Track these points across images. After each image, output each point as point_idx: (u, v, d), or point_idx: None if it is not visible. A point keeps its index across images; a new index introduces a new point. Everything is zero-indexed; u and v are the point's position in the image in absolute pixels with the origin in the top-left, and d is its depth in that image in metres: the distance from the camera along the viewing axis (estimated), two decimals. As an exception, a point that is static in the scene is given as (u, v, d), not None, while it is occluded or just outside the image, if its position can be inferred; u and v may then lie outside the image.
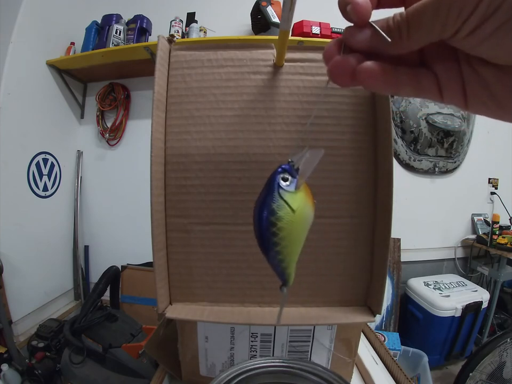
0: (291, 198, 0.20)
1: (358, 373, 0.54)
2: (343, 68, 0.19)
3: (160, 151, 0.44)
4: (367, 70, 0.18)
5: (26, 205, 1.51)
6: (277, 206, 0.20)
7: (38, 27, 1.52)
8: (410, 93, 0.19)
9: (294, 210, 0.20)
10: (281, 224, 0.19)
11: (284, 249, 0.20)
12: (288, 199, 0.20)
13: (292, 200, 0.20)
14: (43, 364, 1.26)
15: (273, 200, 0.20)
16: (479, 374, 1.17)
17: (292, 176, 0.21)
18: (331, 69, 0.19)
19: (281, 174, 0.21)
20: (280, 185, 0.20)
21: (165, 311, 0.43)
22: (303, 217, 0.21)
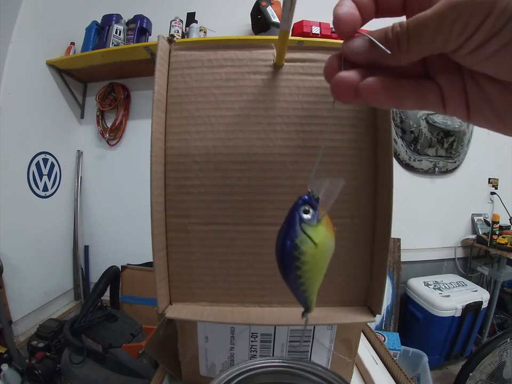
0: (313, 231, 0.20)
1: (358, 373, 0.54)
2: (345, 85, 0.18)
3: (160, 151, 0.44)
4: (368, 87, 0.18)
5: (26, 205, 1.51)
6: (300, 240, 0.20)
7: (38, 27, 1.52)
8: (414, 106, 0.19)
9: (316, 244, 0.20)
10: (304, 258, 0.20)
11: (307, 280, 0.21)
12: (311, 233, 0.20)
13: (314, 233, 0.20)
14: (43, 363, 1.26)
15: (295, 235, 0.20)
16: (479, 374, 1.17)
17: (313, 208, 0.20)
18: (333, 86, 0.19)
19: (303, 206, 0.21)
20: (302, 219, 0.20)
21: (165, 311, 0.43)
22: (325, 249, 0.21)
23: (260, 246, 0.45)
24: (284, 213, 0.44)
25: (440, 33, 0.15)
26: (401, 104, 0.18)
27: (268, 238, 0.45)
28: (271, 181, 0.44)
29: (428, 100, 0.18)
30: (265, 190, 0.44)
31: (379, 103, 0.18)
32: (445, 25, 0.15)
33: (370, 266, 0.45)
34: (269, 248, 0.45)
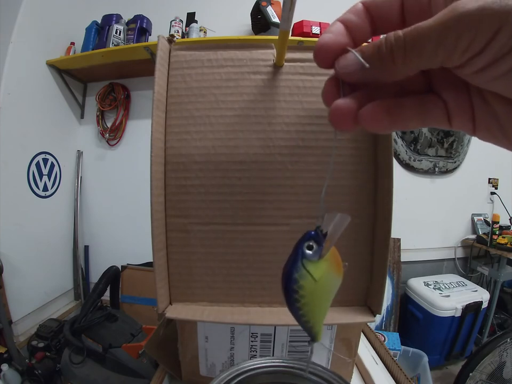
0: (314, 267, 0.21)
1: (358, 373, 0.54)
2: (343, 115, 0.17)
3: (160, 151, 0.44)
4: (368, 115, 0.16)
5: (26, 205, 1.51)
6: (299, 275, 0.20)
7: (38, 27, 1.52)
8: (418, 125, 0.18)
9: (315, 280, 0.20)
10: (303, 292, 0.20)
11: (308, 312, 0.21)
12: (311, 269, 0.20)
13: (315, 269, 0.21)
14: (43, 363, 1.26)
15: (296, 269, 0.21)
16: (479, 374, 1.17)
17: (318, 244, 0.21)
18: (331, 117, 0.17)
19: (307, 242, 0.21)
20: (304, 254, 0.21)
21: (165, 311, 0.43)
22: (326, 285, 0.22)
23: (259, 246, 0.45)
24: (284, 213, 0.44)
25: (443, 47, 0.13)
26: (404, 126, 0.17)
27: (268, 238, 0.45)
28: (271, 181, 0.44)
29: (432, 117, 0.17)
30: (265, 190, 0.44)
31: (381, 129, 0.17)
32: (448, 39, 0.13)
33: (370, 266, 0.45)
34: (269, 248, 0.45)
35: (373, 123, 0.16)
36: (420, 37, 0.14)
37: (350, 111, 0.17)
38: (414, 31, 0.14)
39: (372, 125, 0.17)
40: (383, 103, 0.16)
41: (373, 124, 0.17)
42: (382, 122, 0.17)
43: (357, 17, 0.17)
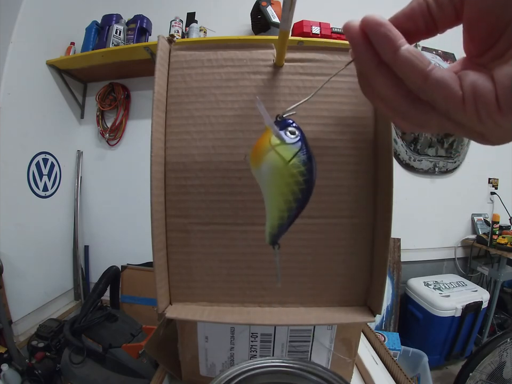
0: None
1: (358, 373, 0.54)
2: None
3: (160, 151, 0.44)
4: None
5: (26, 205, 1.51)
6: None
7: (38, 27, 1.52)
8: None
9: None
10: None
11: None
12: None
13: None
14: (43, 363, 1.26)
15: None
16: (479, 374, 1.17)
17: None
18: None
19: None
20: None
21: (165, 311, 0.43)
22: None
23: (259, 246, 0.45)
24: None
25: None
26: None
27: (268, 238, 0.45)
28: (271, 181, 0.44)
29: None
30: (265, 190, 0.44)
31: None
32: None
33: (370, 266, 0.45)
34: (269, 248, 0.45)
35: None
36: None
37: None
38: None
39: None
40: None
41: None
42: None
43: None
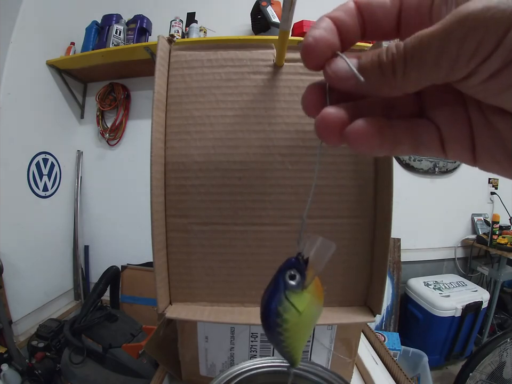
0: (298, 298, 0.19)
1: (358, 373, 0.54)
2: (332, 126, 0.15)
3: (160, 151, 0.44)
4: (358, 132, 0.14)
5: (26, 205, 1.51)
6: (283, 308, 0.19)
7: (38, 27, 1.52)
8: (409, 151, 0.16)
9: (300, 312, 0.19)
10: (287, 326, 0.19)
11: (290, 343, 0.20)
12: (295, 301, 0.19)
13: (299, 300, 0.19)
14: (43, 363, 1.26)
15: (279, 302, 0.19)
16: (479, 374, 1.17)
17: (300, 273, 0.19)
18: (318, 127, 0.15)
19: (289, 271, 0.19)
20: (286, 285, 0.19)
21: (165, 311, 0.43)
22: (310, 316, 0.20)
23: (259, 246, 0.45)
24: (284, 213, 0.44)
25: (446, 55, 0.12)
26: (394, 149, 0.15)
27: (268, 238, 0.45)
28: (271, 181, 0.44)
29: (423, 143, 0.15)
30: (265, 190, 0.44)
31: (368, 150, 0.15)
32: (451, 45, 0.12)
33: (370, 266, 0.45)
34: (268, 248, 0.45)
35: (362, 141, 0.14)
36: (420, 44, 0.12)
37: (342, 123, 0.15)
38: (414, 39, 0.12)
39: (361, 144, 0.15)
40: (374, 121, 0.14)
41: (362, 143, 0.14)
42: (372, 142, 0.15)
43: (347, 16, 0.15)
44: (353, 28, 0.15)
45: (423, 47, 0.12)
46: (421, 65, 0.12)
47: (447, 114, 0.15)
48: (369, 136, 0.14)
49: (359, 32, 0.16)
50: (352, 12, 0.15)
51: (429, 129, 0.15)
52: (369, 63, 0.14)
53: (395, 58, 0.13)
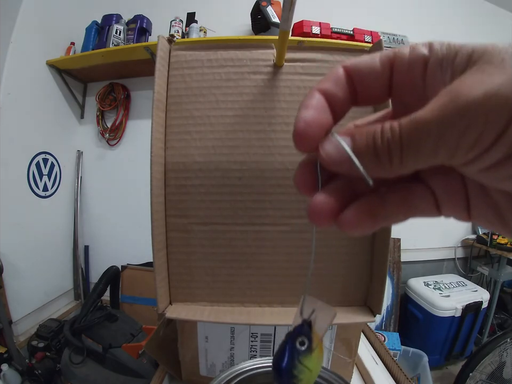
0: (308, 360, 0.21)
1: (358, 373, 0.54)
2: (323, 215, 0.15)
3: (160, 151, 0.44)
4: (350, 222, 0.14)
5: (26, 205, 1.51)
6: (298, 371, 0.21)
7: (38, 27, 1.52)
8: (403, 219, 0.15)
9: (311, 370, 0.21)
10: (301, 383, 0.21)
11: None
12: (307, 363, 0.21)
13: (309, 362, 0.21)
14: (43, 363, 1.26)
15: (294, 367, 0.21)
16: (479, 374, 1.17)
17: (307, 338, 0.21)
18: (310, 215, 0.15)
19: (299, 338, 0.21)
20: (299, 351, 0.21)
21: (165, 311, 0.43)
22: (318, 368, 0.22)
23: (259, 246, 0.45)
24: (284, 213, 0.44)
25: (444, 145, 0.11)
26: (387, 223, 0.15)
27: (268, 238, 0.45)
28: (271, 181, 0.44)
29: (418, 209, 0.15)
30: (265, 190, 0.44)
31: (362, 233, 0.15)
32: (450, 135, 0.11)
33: (370, 266, 0.45)
34: (269, 248, 0.45)
35: (354, 230, 0.14)
36: (417, 132, 0.12)
37: (332, 211, 0.15)
38: (410, 124, 0.12)
39: (353, 231, 0.14)
40: (365, 206, 0.14)
41: (354, 230, 0.14)
42: (364, 227, 0.14)
43: (337, 86, 0.15)
44: (345, 98, 0.15)
45: (420, 135, 0.12)
46: (418, 153, 0.12)
47: (443, 181, 0.15)
48: (361, 224, 0.14)
49: (351, 101, 0.15)
50: (342, 80, 0.15)
51: (424, 195, 0.15)
52: (364, 146, 0.13)
53: (391, 145, 0.12)
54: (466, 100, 0.11)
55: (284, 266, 0.45)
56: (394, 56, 0.14)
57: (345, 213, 0.14)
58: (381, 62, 0.14)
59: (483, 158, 0.11)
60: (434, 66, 0.13)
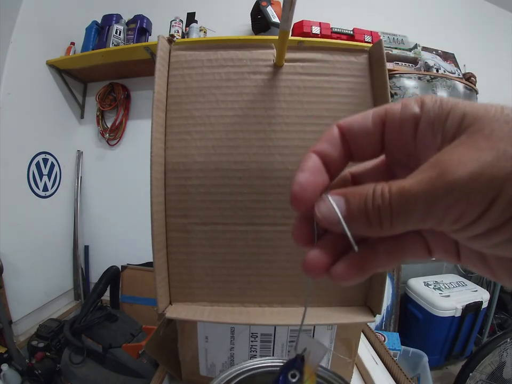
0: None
1: (358, 373, 0.54)
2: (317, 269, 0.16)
3: (160, 151, 0.44)
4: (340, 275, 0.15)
5: (26, 205, 1.51)
6: None
7: (38, 27, 1.52)
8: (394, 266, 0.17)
9: None
10: None
11: None
12: None
13: None
14: (43, 363, 1.26)
15: None
16: (479, 374, 1.17)
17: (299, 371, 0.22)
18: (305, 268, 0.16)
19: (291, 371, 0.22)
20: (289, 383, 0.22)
21: (165, 311, 0.43)
22: None
23: (259, 246, 0.45)
24: (284, 213, 0.44)
25: (431, 217, 0.12)
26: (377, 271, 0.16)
27: (268, 238, 0.45)
28: (271, 181, 0.44)
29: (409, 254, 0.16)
30: (265, 190, 0.44)
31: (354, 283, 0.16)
32: (436, 210, 0.12)
33: (370, 266, 0.45)
34: (269, 248, 0.45)
35: (344, 282, 0.15)
36: (406, 204, 0.12)
37: (324, 266, 0.16)
38: (399, 195, 0.12)
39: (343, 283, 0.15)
40: (354, 261, 0.15)
41: (344, 282, 0.15)
42: (354, 280, 0.15)
43: (332, 147, 0.16)
44: (340, 157, 0.16)
45: (408, 206, 0.12)
46: (407, 221, 0.13)
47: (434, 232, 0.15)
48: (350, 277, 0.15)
49: (347, 158, 0.16)
50: (337, 140, 0.16)
51: (416, 242, 0.16)
52: (357, 210, 0.14)
53: (381, 211, 0.13)
54: (453, 178, 0.11)
55: (284, 266, 0.45)
56: (386, 114, 0.15)
57: (336, 267, 0.15)
58: (373, 121, 0.15)
59: (469, 229, 0.12)
60: (425, 126, 0.14)
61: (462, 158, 0.11)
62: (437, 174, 0.12)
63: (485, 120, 0.12)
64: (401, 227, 0.13)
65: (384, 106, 0.15)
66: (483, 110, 0.12)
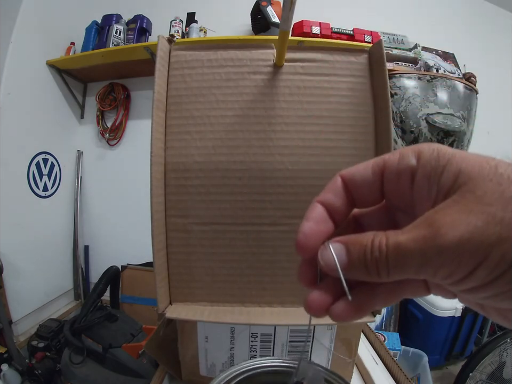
0: None
1: (358, 373, 0.54)
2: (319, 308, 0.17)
3: (160, 151, 0.44)
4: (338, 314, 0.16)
5: (26, 205, 1.51)
6: None
7: (38, 27, 1.52)
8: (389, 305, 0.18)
9: None
10: None
11: None
12: None
13: None
14: (43, 363, 1.26)
15: None
16: (479, 374, 1.17)
17: None
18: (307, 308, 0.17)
19: None
20: None
21: (165, 311, 0.43)
22: None
23: (259, 246, 0.45)
24: (284, 213, 0.44)
25: (423, 271, 0.13)
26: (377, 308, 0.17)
27: (268, 238, 0.45)
28: (271, 181, 0.44)
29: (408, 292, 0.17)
30: (265, 190, 0.44)
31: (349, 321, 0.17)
32: (428, 267, 0.13)
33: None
34: (268, 248, 0.45)
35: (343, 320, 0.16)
36: (402, 259, 0.13)
37: (325, 306, 0.16)
38: (395, 250, 0.13)
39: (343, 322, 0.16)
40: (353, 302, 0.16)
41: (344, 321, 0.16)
42: (352, 319, 0.16)
43: (336, 196, 0.17)
44: (343, 205, 0.17)
45: (403, 261, 0.13)
46: (403, 272, 0.14)
47: None
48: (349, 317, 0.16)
49: (350, 206, 0.17)
50: (340, 190, 0.17)
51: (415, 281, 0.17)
52: (357, 259, 0.15)
53: (379, 263, 0.14)
54: (443, 241, 0.12)
55: (284, 266, 0.45)
56: (384, 164, 0.16)
57: (336, 306, 0.16)
58: (372, 171, 0.16)
59: (459, 285, 0.13)
60: (421, 178, 0.14)
61: (453, 221, 0.12)
62: (430, 234, 0.13)
63: (479, 180, 0.13)
64: (398, 277, 0.14)
65: (383, 157, 0.16)
66: (478, 167, 0.13)
